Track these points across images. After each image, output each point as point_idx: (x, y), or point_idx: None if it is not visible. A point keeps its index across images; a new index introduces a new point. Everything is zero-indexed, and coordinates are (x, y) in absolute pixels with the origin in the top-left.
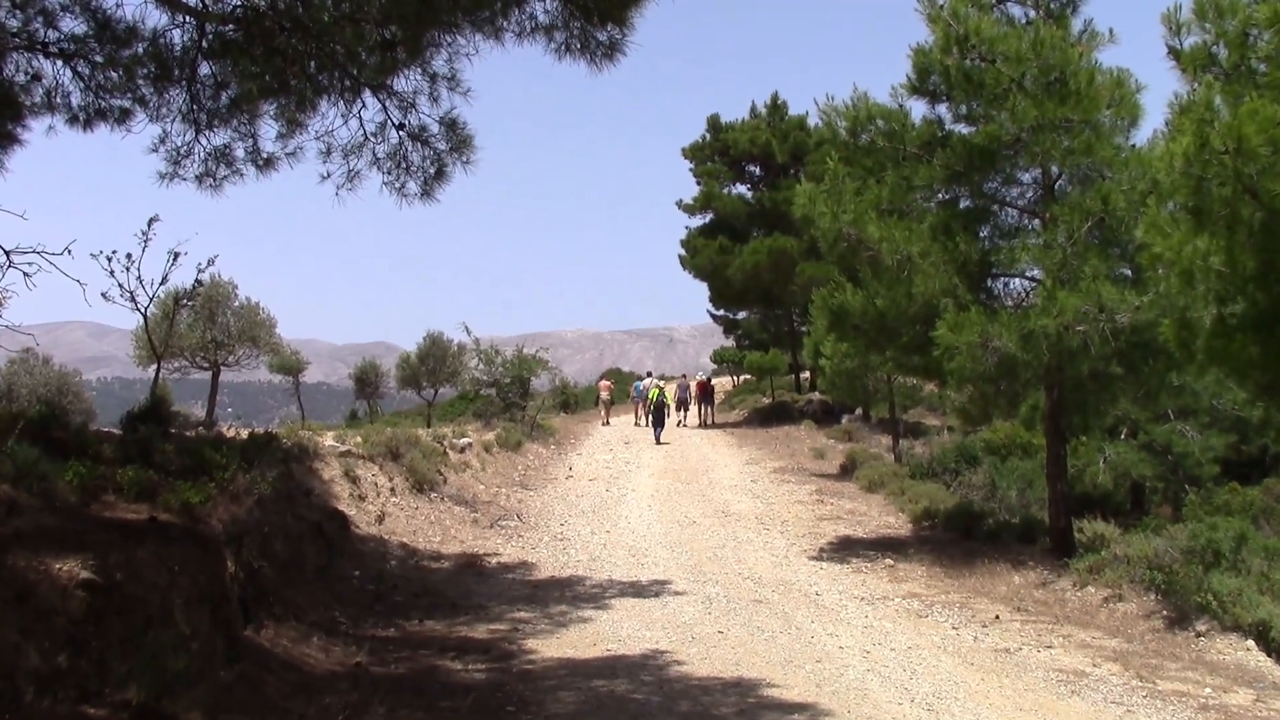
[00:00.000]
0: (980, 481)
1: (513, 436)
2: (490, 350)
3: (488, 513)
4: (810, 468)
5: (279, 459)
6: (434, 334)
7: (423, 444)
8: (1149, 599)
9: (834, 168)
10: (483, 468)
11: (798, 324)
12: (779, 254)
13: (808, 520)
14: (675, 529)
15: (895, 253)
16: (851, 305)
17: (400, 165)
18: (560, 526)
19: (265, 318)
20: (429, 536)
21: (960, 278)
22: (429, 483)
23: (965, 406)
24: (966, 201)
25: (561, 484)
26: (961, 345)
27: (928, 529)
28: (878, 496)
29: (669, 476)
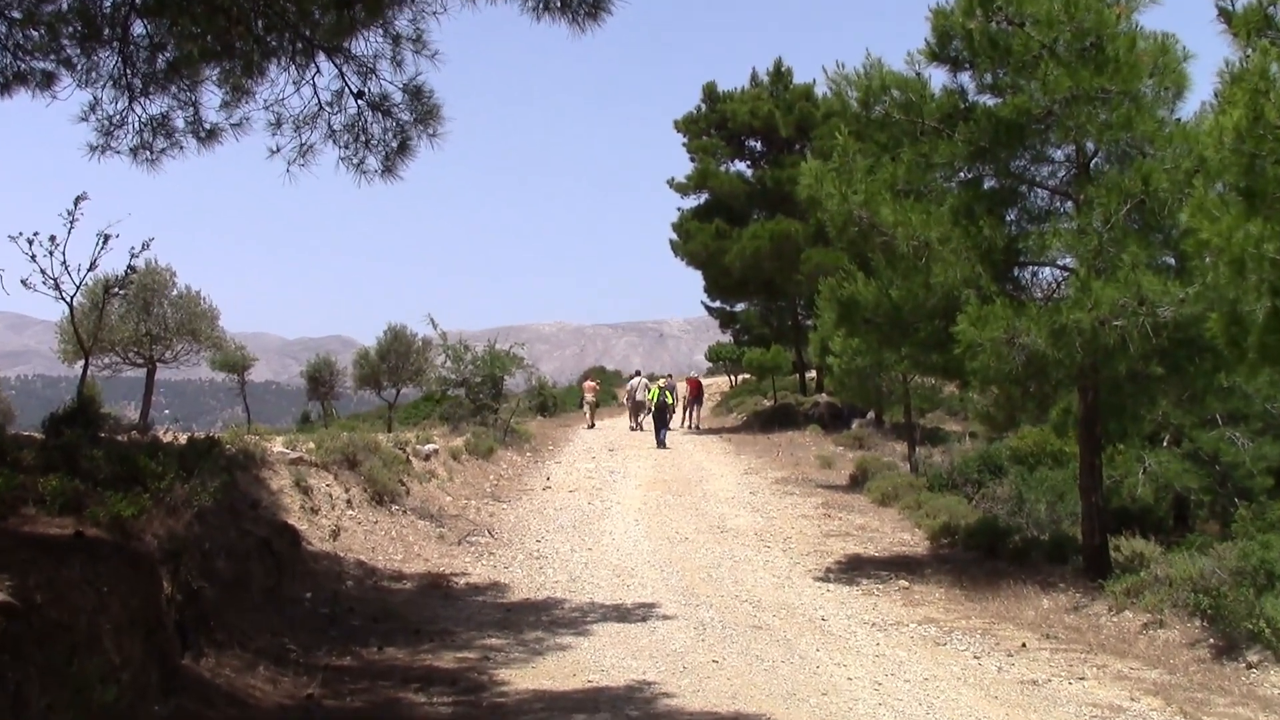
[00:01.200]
0: (1006, 494)
1: (484, 443)
2: (459, 346)
3: (455, 527)
4: (816, 478)
5: (222, 467)
6: (396, 327)
7: (383, 451)
8: (1194, 625)
9: (844, 143)
10: (450, 477)
11: (803, 317)
12: (782, 239)
13: (813, 537)
14: (665, 546)
15: (911, 238)
16: (863, 297)
17: (359, 138)
18: (536, 543)
19: (207, 309)
20: (390, 554)
21: (984, 266)
22: (390, 494)
23: (989, 410)
24: (991, 181)
25: (538, 496)
26: (985, 342)
27: (947, 547)
28: (891, 510)
29: (658, 488)
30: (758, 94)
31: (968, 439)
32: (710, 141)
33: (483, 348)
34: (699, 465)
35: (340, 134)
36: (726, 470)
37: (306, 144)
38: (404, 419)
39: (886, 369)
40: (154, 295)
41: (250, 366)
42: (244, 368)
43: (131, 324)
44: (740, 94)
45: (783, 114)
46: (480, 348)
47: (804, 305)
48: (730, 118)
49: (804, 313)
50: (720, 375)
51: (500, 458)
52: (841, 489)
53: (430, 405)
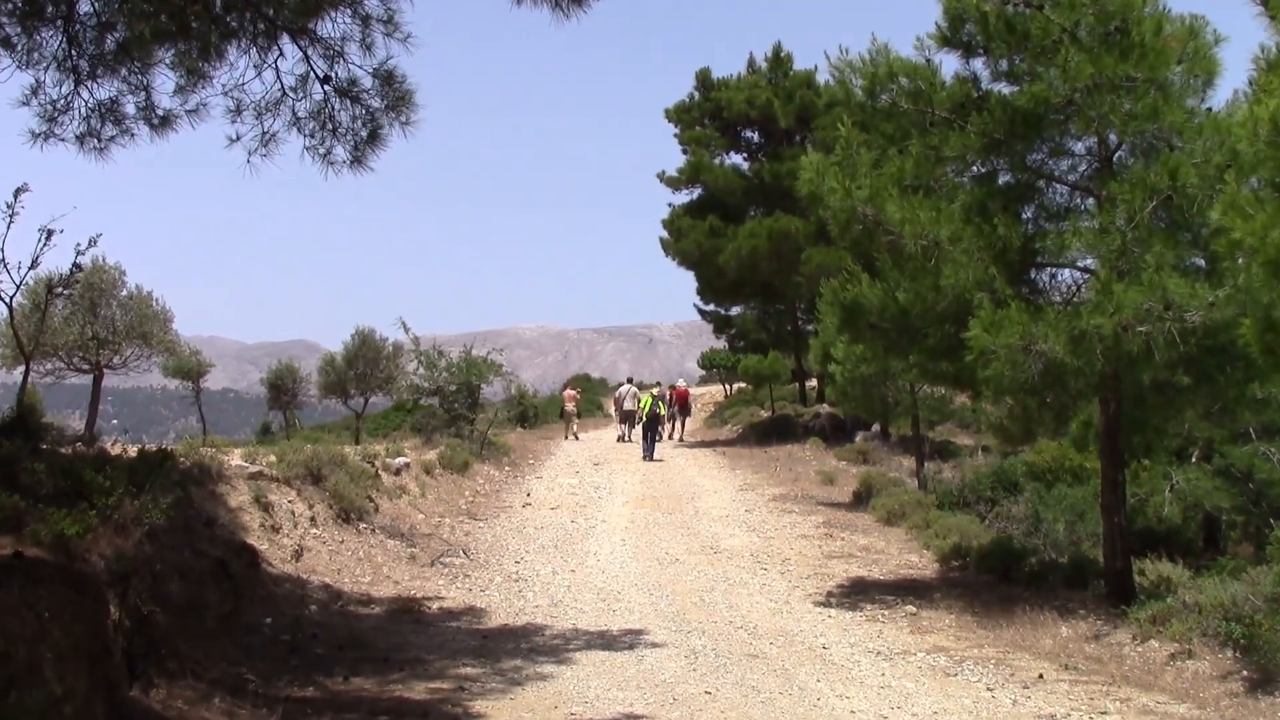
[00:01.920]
0: (1021, 513)
1: (459, 456)
2: (432, 352)
3: (428, 547)
4: (817, 495)
5: (175, 482)
6: (364, 331)
7: (350, 464)
8: (1225, 656)
9: (847, 134)
10: (422, 493)
11: (803, 322)
12: (781, 237)
13: (813, 558)
14: (654, 568)
15: (920, 237)
16: (867, 300)
17: (325, 126)
18: (515, 565)
19: (159, 310)
20: (357, 576)
21: (998, 267)
22: (357, 511)
23: (1003, 422)
24: (1006, 176)
25: (517, 513)
26: (999, 348)
27: (957, 570)
28: (898, 530)
29: (647, 505)
30: (755, 81)
31: (980, 453)
32: (704, 132)
33: (458, 353)
34: (691, 481)
35: (305, 122)
36: (720, 486)
37: (269, 133)
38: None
39: (893, 378)
40: (101, 296)
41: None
42: (199, 374)
43: (76, 327)
44: (736, 81)
45: (782, 103)
46: (455, 353)
47: (804, 309)
48: (725, 107)
49: (804, 317)
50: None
51: (477, 472)
52: (844, 507)
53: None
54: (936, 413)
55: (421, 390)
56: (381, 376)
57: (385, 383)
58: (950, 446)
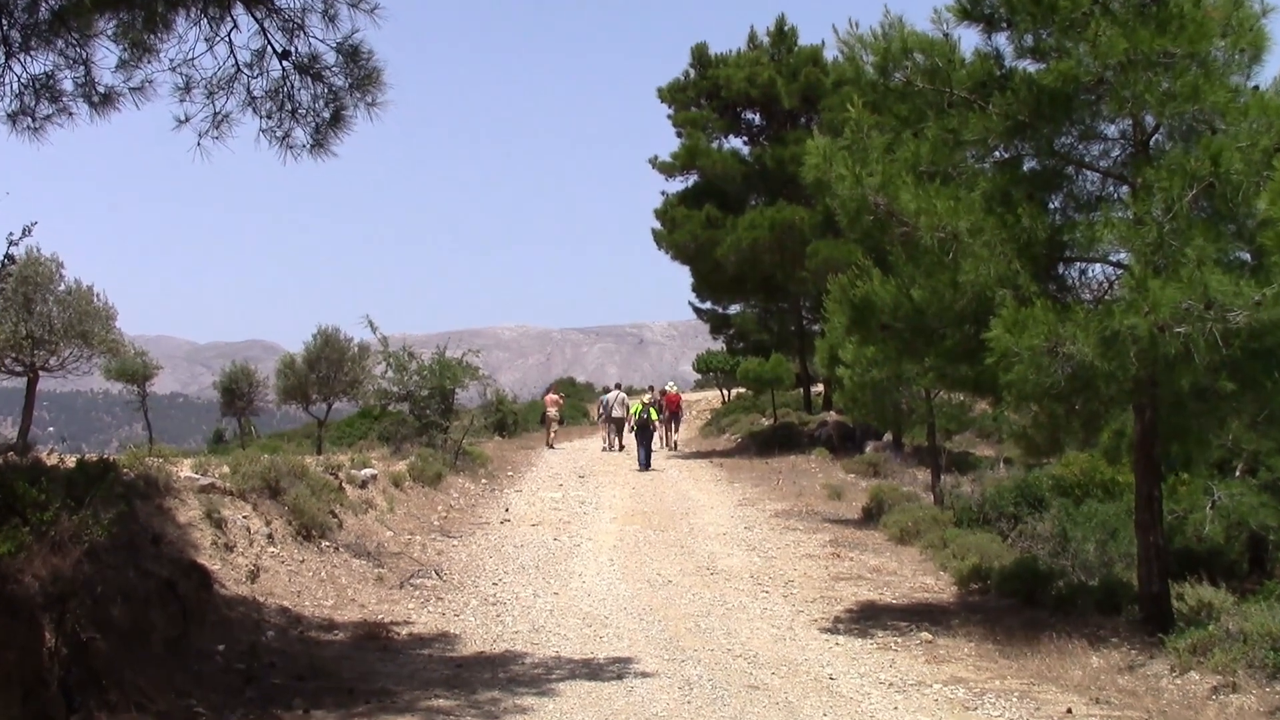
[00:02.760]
0: (1047, 531)
1: (431, 467)
2: (402, 353)
3: (397, 567)
4: (823, 511)
5: (118, 495)
6: (327, 331)
7: (312, 476)
8: (1274, 690)
9: (857, 116)
10: (390, 508)
11: (808, 322)
12: (784, 229)
13: (819, 580)
14: (645, 590)
15: (937, 229)
16: (879, 297)
17: (284, 106)
18: (493, 587)
19: (101, 307)
20: (319, 599)
21: (1022, 262)
22: (319, 528)
23: (1027, 432)
24: (1032, 162)
25: (495, 530)
26: (1023, 350)
27: (977, 593)
28: (912, 550)
29: (637, 521)
30: (756, 58)
31: (1002, 466)
32: (700, 114)
33: (430, 355)
34: (685, 495)
35: (262, 101)
36: (717, 501)
37: (221, 113)
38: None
39: (907, 383)
40: (36, 290)
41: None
42: (145, 377)
43: (9, 324)
44: (736, 57)
45: (786, 81)
46: (427, 355)
47: (810, 307)
48: (724, 85)
49: (810, 316)
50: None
51: (450, 485)
52: (853, 524)
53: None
54: (954, 421)
55: (390, 395)
56: (346, 380)
57: (350, 387)
58: (969, 458)
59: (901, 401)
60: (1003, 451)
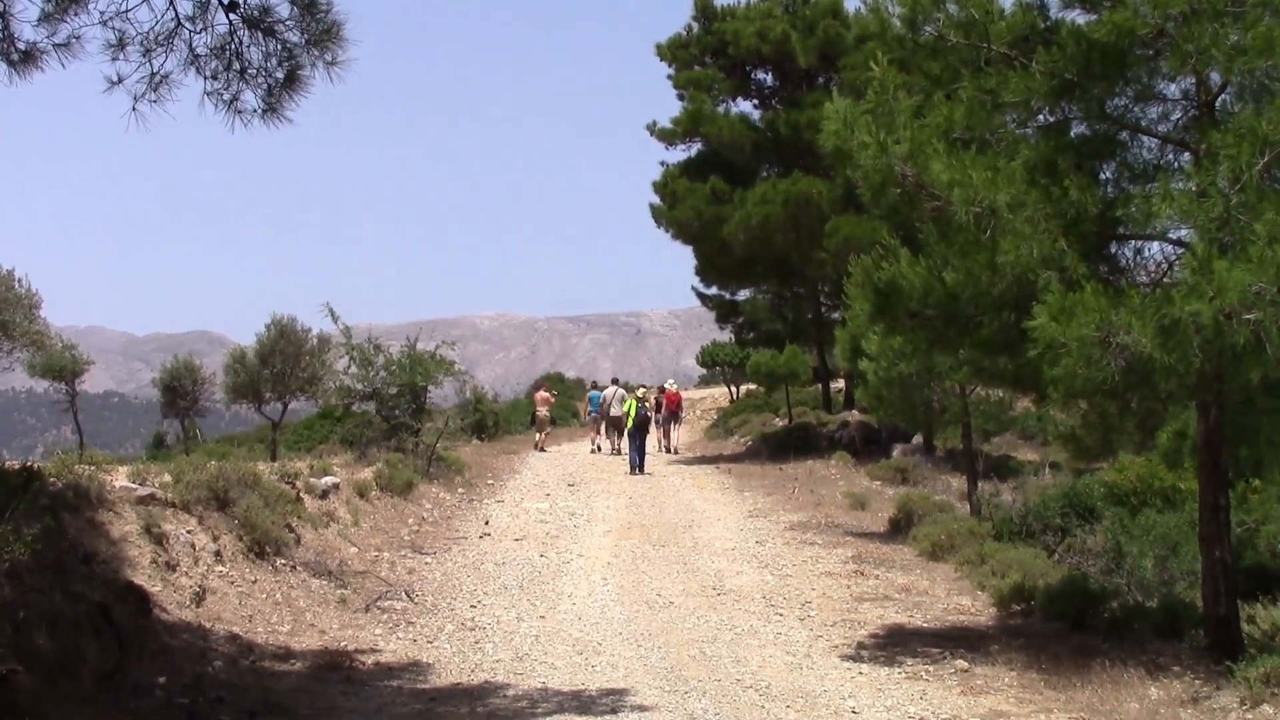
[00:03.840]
0: (1099, 545)
1: (401, 475)
2: (367, 345)
3: (362, 588)
4: (845, 523)
5: (44, 508)
6: (282, 321)
7: (265, 486)
8: None
9: (882, 75)
10: (355, 521)
11: (827, 309)
12: (800, 204)
13: (841, 601)
14: (643, 613)
15: (973, 203)
16: (907, 281)
17: (231, 66)
18: (471, 610)
19: (22, 294)
20: (273, 624)
21: (1069, 240)
22: (274, 544)
23: (1076, 433)
24: (1080, 127)
25: (474, 545)
26: (1070, 341)
27: (1019, 615)
28: (945, 566)
29: (634, 534)
30: (769, 10)
31: (1047, 471)
32: (705, 73)
33: (399, 348)
34: (688, 505)
35: (206, 60)
36: (725, 511)
37: (160, 73)
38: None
39: (939, 377)
40: None
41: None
42: (74, 374)
43: None
44: (745, 9)
45: (802, 36)
46: (396, 348)
47: (829, 293)
48: (732, 41)
49: (829, 303)
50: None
51: (423, 495)
52: (879, 537)
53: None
54: (993, 421)
55: (354, 394)
56: (304, 376)
57: (308, 384)
58: (1010, 463)
59: (933, 399)
60: (1048, 455)
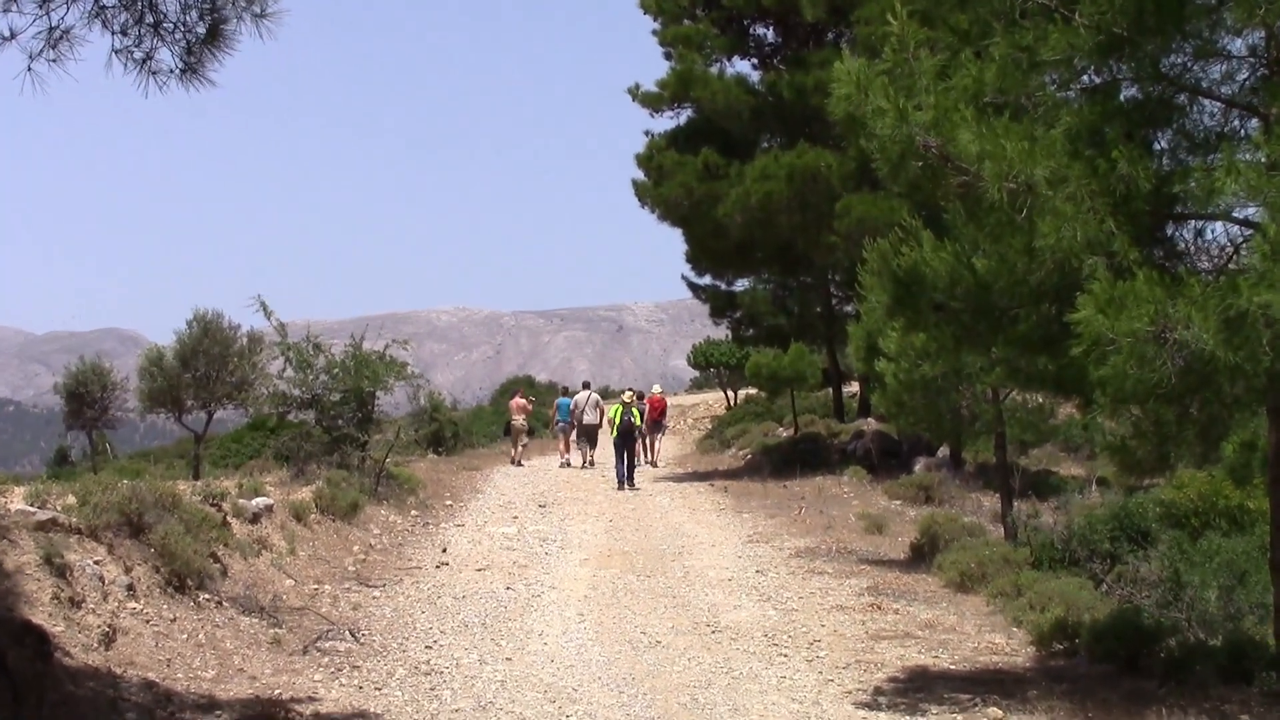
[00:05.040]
0: (1154, 574)
1: (344, 495)
2: (305, 345)
3: (299, 627)
4: (860, 549)
5: None
6: (206, 317)
7: (187, 508)
8: None
9: (901, 30)
10: (291, 549)
11: (839, 302)
12: (806, 179)
13: (854, 639)
14: (625, 654)
15: (1007, 178)
16: (931, 269)
17: (144, 19)
18: (426, 651)
19: None
20: (195, 669)
21: (1119, 221)
22: (197, 576)
23: (1127, 444)
24: (1131, 89)
25: (429, 577)
26: (1120, 337)
27: (1062, 655)
28: (975, 599)
29: (616, 563)
30: None
31: (1094, 489)
32: (696, 28)
33: (343, 348)
34: (678, 529)
35: (114, 12)
36: (720, 536)
37: (60, 27)
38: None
39: (968, 380)
40: None
41: None
42: None
43: None
44: None
45: None
46: (339, 348)
47: (840, 283)
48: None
49: (840, 294)
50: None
51: (370, 518)
52: (898, 565)
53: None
54: (1031, 431)
55: (290, 401)
56: (231, 381)
57: (237, 390)
58: (1050, 479)
59: (961, 405)
60: (1095, 470)
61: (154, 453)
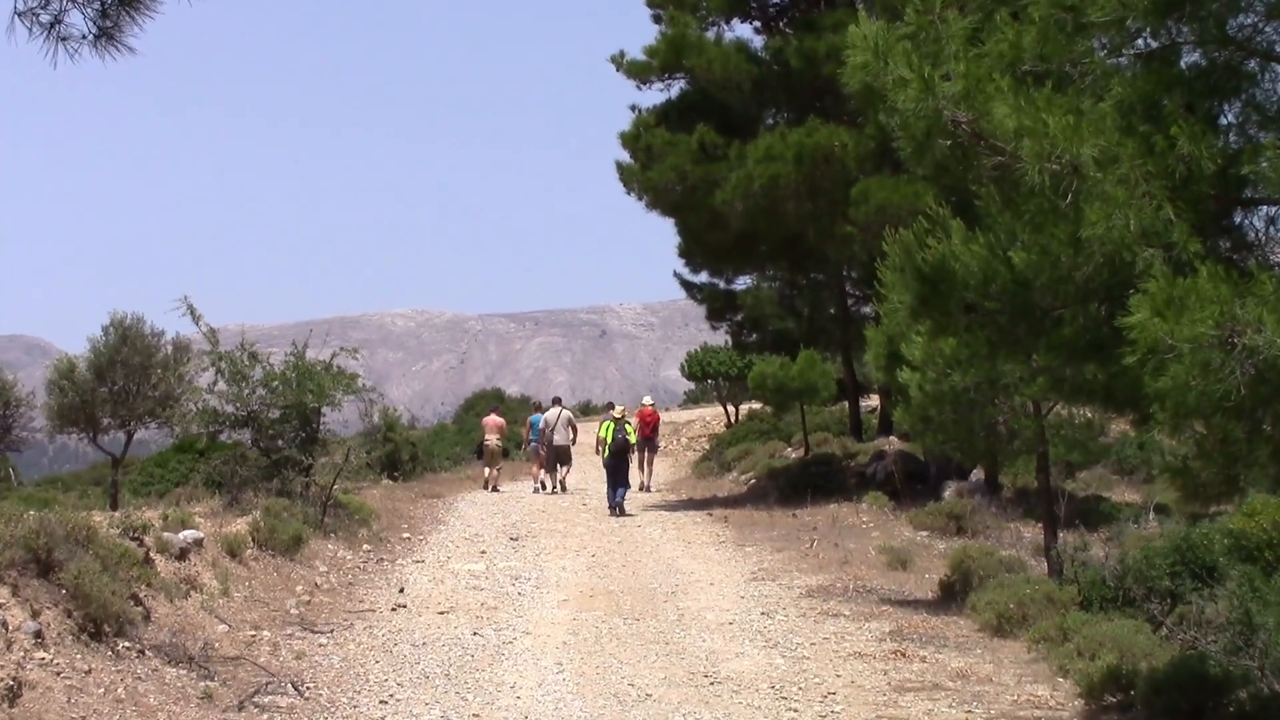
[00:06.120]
0: (1222, 616)
1: (286, 527)
2: (240, 354)
3: (234, 679)
4: (880, 587)
5: None
6: (125, 322)
7: (103, 543)
8: None
9: None
10: (225, 590)
11: (855, 302)
12: (818, 161)
13: (875, 692)
14: (612, 710)
15: (1049, 158)
16: (962, 264)
17: None
18: (380, 707)
19: None
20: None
21: (1179, 207)
22: (115, 621)
23: (1189, 465)
24: (1193, 55)
25: (384, 620)
26: (1181, 343)
27: (1115, 710)
28: (1014, 645)
29: (599, 604)
30: None
31: (1151, 517)
32: None
33: (283, 357)
34: (671, 564)
35: None
36: (720, 573)
37: None
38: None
39: (1005, 392)
40: None
41: None
42: None
43: None
44: None
45: None
46: (279, 357)
47: (857, 280)
48: None
49: (857, 293)
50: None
51: (316, 553)
52: (925, 606)
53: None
54: (1078, 450)
55: (222, 418)
56: (155, 396)
57: (161, 407)
58: (1101, 506)
59: (997, 421)
60: (1152, 496)
61: (65, 479)
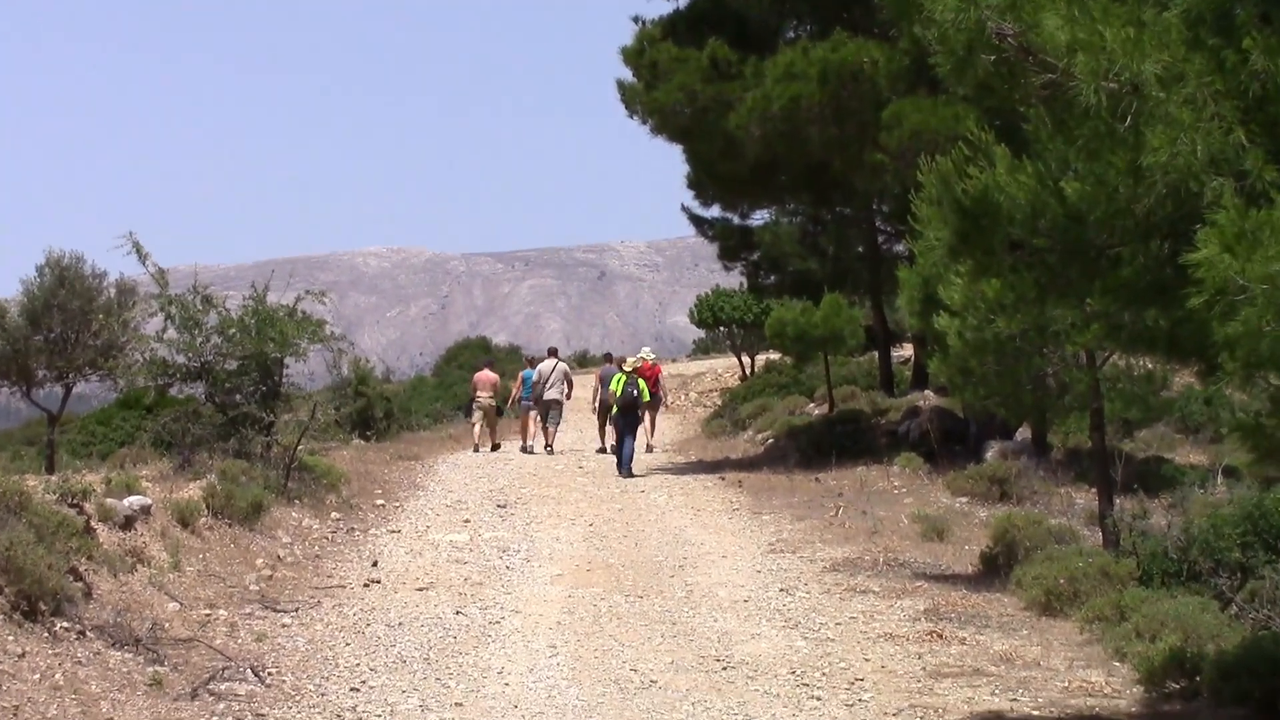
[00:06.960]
0: None
1: (245, 493)
2: (192, 298)
3: (186, 663)
4: (914, 560)
5: None
6: (62, 261)
7: (38, 511)
8: None
9: None
10: (176, 563)
11: (887, 240)
12: (845, 80)
13: (908, 677)
14: (611, 698)
15: (1106, 75)
16: (1007, 196)
17: None
18: (351, 695)
19: None
20: (52, 718)
21: (1252, 131)
22: (51, 598)
23: (1263, 422)
24: None
25: (355, 598)
26: (1254, 283)
27: (1178, 698)
28: (1065, 625)
29: (598, 579)
30: None
31: (1219, 481)
32: None
33: (241, 301)
34: (678, 534)
35: None
36: (733, 544)
37: None
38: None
39: (1055, 341)
40: None
41: None
42: None
43: None
44: None
45: None
46: (236, 301)
47: (888, 214)
48: None
49: (889, 230)
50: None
51: (278, 522)
52: (964, 581)
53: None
54: (1137, 405)
55: (172, 370)
56: (96, 345)
57: (103, 357)
58: (1163, 468)
59: (1046, 373)
60: (1220, 457)
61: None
